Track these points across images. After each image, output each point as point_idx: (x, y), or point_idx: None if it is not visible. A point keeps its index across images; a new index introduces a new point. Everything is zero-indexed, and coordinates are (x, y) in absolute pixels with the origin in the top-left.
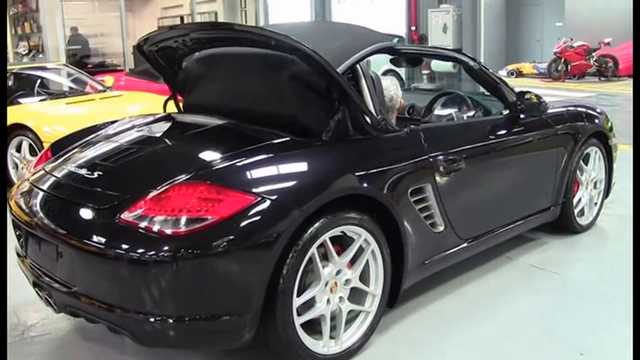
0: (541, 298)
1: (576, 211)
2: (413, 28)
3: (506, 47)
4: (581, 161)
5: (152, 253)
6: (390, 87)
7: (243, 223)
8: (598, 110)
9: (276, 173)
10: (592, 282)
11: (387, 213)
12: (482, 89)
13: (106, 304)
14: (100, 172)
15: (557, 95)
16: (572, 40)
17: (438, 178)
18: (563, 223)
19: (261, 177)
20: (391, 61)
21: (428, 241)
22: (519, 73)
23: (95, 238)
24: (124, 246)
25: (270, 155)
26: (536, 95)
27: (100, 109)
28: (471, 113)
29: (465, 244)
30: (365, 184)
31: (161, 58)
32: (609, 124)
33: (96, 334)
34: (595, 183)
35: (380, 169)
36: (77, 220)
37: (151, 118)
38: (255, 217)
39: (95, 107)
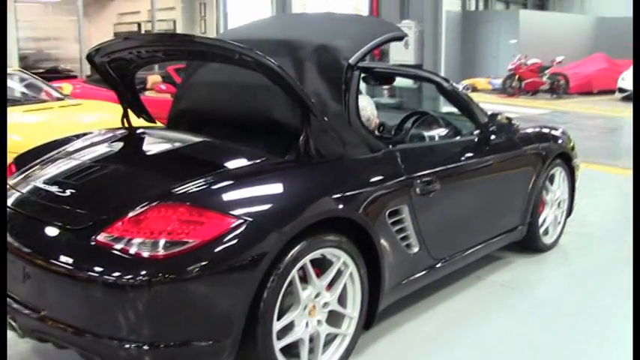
0: (513, 318)
1: (541, 230)
2: None
3: (462, 62)
4: (547, 181)
5: (130, 277)
6: (367, 107)
7: (224, 247)
8: (560, 130)
9: (256, 195)
10: (562, 301)
11: (364, 235)
12: (451, 109)
13: (77, 329)
14: (72, 190)
15: (512, 111)
16: (526, 57)
17: (414, 200)
18: (528, 242)
19: (242, 199)
20: (362, 78)
21: (403, 262)
22: (474, 89)
23: (68, 260)
24: (100, 269)
25: (250, 176)
26: (507, 117)
27: (58, 117)
28: (443, 133)
29: (438, 265)
30: (345, 207)
31: (113, 70)
32: (571, 144)
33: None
34: (559, 203)
35: (358, 191)
36: (48, 241)
37: (121, 133)
38: (237, 240)
39: (54, 116)
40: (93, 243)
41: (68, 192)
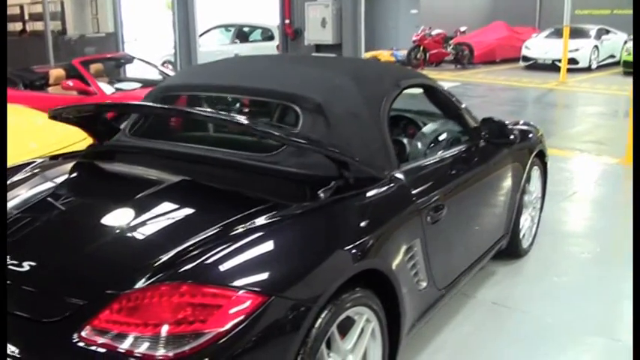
0: (521, 343)
1: (521, 234)
2: (287, 21)
3: (365, 35)
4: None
5: None
6: None
7: (248, 333)
8: (523, 122)
9: (273, 260)
10: (561, 320)
11: (381, 280)
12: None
13: None
14: (31, 263)
15: None
16: (430, 28)
17: (425, 230)
18: (508, 249)
19: (258, 268)
20: None
21: (416, 301)
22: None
23: None
24: None
25: (259, 234)
26: (497, 120)
27: None
28: (430, 141)
29: (441, 294)
30: (373, 257)
31: (80, 119)
32: (540, 134)
33: None
34: (534, 203)
35: (380, 232)
36: (11, 340)
37: (75, 166)
38: (263, 322)
39: None
40: (76, 341)
41: (26, 266)
